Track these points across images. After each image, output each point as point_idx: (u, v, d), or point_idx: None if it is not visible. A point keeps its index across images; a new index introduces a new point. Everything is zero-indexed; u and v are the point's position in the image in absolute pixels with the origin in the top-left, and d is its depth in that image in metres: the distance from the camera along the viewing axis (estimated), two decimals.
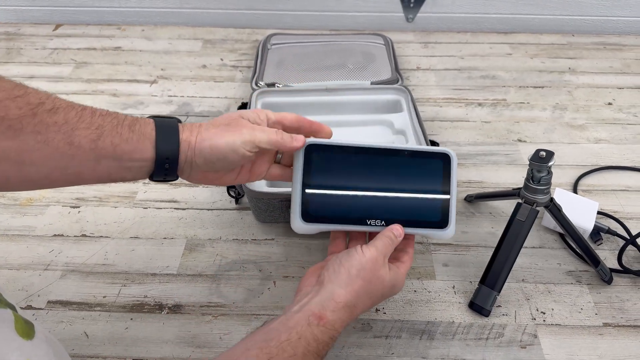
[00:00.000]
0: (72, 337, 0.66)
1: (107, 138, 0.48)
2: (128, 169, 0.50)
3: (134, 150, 0.49)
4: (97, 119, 0.48)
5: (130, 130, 0.49)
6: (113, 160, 0.49)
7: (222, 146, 0.52)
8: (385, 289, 0.55)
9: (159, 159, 0.51)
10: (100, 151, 0.48)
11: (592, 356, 0.64)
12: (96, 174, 0.49)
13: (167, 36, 1.32)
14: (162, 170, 0.52)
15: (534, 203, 0.66)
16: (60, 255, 0.76)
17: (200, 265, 0.74)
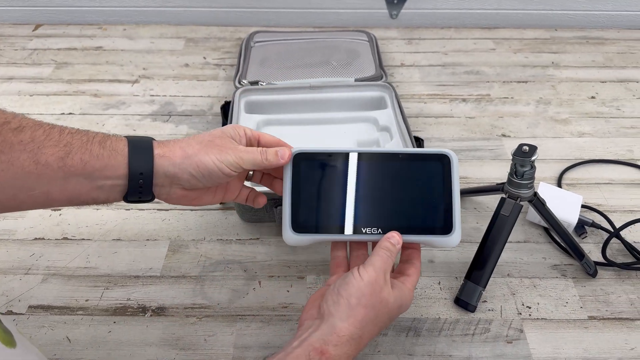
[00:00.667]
0: (54, 342, 0.64)
1: (77, 155, 0.46)
2: (100, 188, 0.48)
3: (106, 167, 0.47)
4: (66, 136, 0.46)
5: (101, 146, 0.48)
6: (84, 178, 0.47)
7: (209, 163, 0.50)
8: (392, 311, 0.52)
9: (132, 175, 0.49)
10: (69, 169, 0.46)
11: (578, 350, 0.64)
12: (66, 194, 0.47)
13: (149, 35, 1.30)
14: (137, 189, 0.50)
15: (517, 198, 0.66)
16: (41, 259, 0.75)
17: (183, 266, 0.73)
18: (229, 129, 0.54)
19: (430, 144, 0.94)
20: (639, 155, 0.93)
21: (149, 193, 0.51)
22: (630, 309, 0.68)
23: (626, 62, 1.20)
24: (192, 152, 0.50)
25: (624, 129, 1.00)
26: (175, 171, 0.50)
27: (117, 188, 0.49)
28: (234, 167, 0.52)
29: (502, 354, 0.63)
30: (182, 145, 0.51)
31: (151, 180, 0.50)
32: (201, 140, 0.52)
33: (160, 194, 0.52)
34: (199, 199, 0.55)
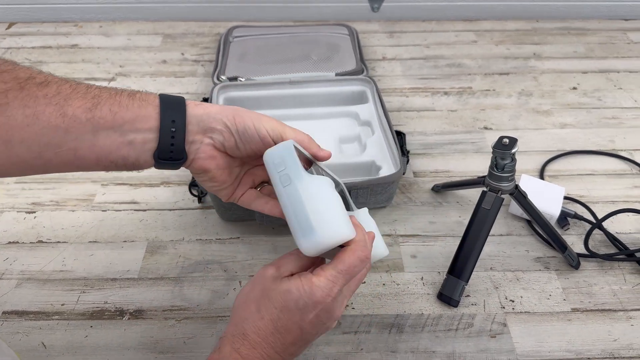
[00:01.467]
0: (29, 348, 0.63)
1: (105, 106, 0.43)
2: (130, 144, 0.45)
3: (136, 118, 0.44)
4: (94, 90, 0.44)
5: (130, 98, 0.45)
6: (113, 131, 0.44)
7: (247, 120, 0.47)
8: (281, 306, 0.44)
9: (164, 124, 0.45)
10: (98, 121, 0.43)
11: (561, 342, 0.63)
12: (95, 151, 0.44)
13: (126, 32, 1.28)
14: (168, 142, 0.46)
15: (498, 191, 0.65)
16: (16, 263, 0.73)
17: (162, 268, 0.72)
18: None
19: (412, 138, 0.93)
20: (620, 146, 0.93)
21: (181, 149, 0.47)
22: (613, 300, 0.68)
23: (607, 53, 1.20)
24: (229, 110, 0.48)
25: (606, 120, 0.99)
26: (209, 120, 0.47)
27: (148, 144, 0.46)
28: (273, 133, 0.48)
29: (485, 349, 0.63)
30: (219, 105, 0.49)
31: (184, 133, 0.46)
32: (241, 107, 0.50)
33: (190, 152, 0.48)
34: (224, 171, 0.50)
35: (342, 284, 0.45)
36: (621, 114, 1.01)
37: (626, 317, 0.66)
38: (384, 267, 0.72)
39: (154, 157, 0.46)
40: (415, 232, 0.77)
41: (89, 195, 0.82)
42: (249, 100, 0.91)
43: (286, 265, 0.47)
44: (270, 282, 0.46)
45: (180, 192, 0.83)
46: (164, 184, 0.85)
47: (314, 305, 0.44)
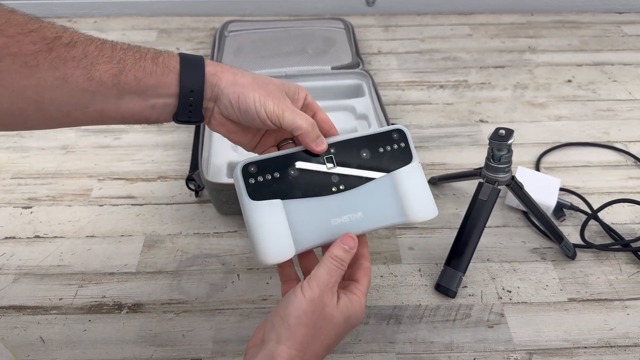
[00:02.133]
0: (27, 343, 0.63)
1: (130, 72, 0.45)
2: (152, 107, 0.47)
3: (158, 85, 0.46)
4: (119, 52, 0.45)
5: (154, 63, 0.46)
6: (137, 96, 0.46)
7: (249, 99, 0.48)
8: (339, 327, 0.47)
9: (183, 93, 0.47)
10: (123, 86, 0.45)
11: (558, 332, 0.64)
12: (119, 112, 0.46)
13: (121, 27, 1.27)
14: (187, 107, 0.48)
15: (495, 182, 0.66)
16: (13, 258, 0.72)
17: (160, 262, 0.72)
18: (291, 86, 0.52)
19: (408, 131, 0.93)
20: (615, 138, 0.93)
21: (198, 113, 0.49)
22: (609, 290, 0.68)
23: (601, 46, 1.21)
24: (241, 82, 0.48)
25: (600, 112, 1.00)
26: (218, 92, 0.48)
27: (169, 108, 0.48)
28: (272, 116, 0.48)
29: (483, 339, 0.63)
30: (235, 72, 0.49)
31: (201, 99, 0.48)
32: (256, 78, 0.50)
33: (206, 115, 0.50)
34: (237, 134, 0.52)
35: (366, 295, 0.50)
36: (616, 106, 1.01)
37: (622, 307, 0.67)
38: (381, 259, 0.73)
39: (174, 117, 0.49)
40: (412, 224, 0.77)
41: (85, 190, 0.82)
42: None
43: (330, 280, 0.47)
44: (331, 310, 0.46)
45: (177, 186, 0.83)
46: (161, 178, 0.85)
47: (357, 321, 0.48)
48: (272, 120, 0.48)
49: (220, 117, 0.50)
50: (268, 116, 0.48)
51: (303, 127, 0.48)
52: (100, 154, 0.89)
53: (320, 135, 0.50)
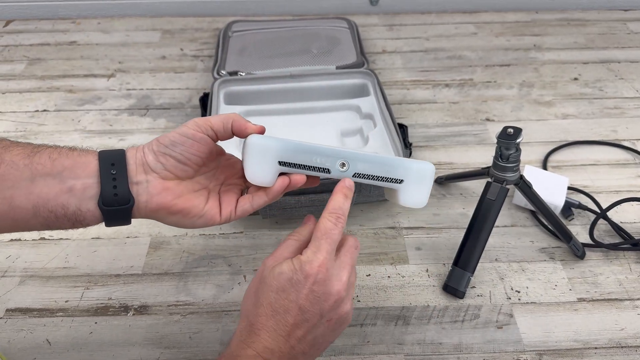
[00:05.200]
0: (33, 345, 0.62)
1: (45, 153, 0.44)
2: (70, 191, 0.43)
3: (75, 165, 0.44)
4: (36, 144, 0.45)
5: (70, 150, 0.45)
6: (52, 178, 0.43)
7: (168, 134, 0.47)
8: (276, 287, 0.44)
9: (104, 167, 0.44)
10: (36, 167, 0.43)
11: (568, 332, 0.63)
12: (32, 199, 0.43)
13: (124, 28, 1.27)
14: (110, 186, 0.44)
15: (503, 181, 0.65)
16: (18, 260, 0.72)
17: (166, 263, 0.71)
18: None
19: (414, 130, 0.93)
20: (623, 136, 0.93)
21: (126, 193, 0.45)
22: (619, 290, 0.68)
23: (607, 43, 1.20)
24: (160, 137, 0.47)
25: (608, 110, 0.99)
26: (140, 155, 0.46)
27: (89, 191, 0.44)
28: (197, 126, 0.47)
29: (492, 340, 0.62)
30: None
31: (125, 174, 0.45)
32: None
33: (139, 194, 0.46)
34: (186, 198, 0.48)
35: (327, 249, 0.45)
36: (623, 104, 1.01)
37: (632, 307, 0.66)
38: (388, 259, 0.72)
39: (99, 205, 0.44)
40: (419, 224, 0.77)
41: None
42: (249, 95, 0.91)
43: (282, 252, 0.47)
44: (266, 272, 0.46)
45: None
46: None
47: (305, 278, 0.44)
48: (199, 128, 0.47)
49: (161, 183, 0.47)
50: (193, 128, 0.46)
51: (230, 117, 0.48)
52: None
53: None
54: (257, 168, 0.47)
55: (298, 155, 0.48)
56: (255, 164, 0.47)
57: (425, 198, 0.51)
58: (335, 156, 0.49)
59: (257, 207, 0.51)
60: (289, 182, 0.49)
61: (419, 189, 0.51)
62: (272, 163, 0.47)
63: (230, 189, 0.52)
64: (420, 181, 0.51)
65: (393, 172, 0.50)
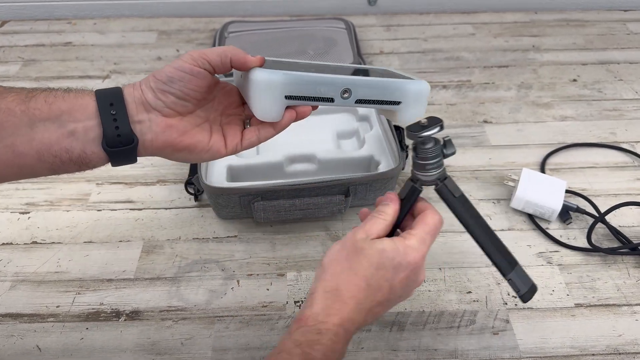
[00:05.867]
0: (23, 351, 0.62)
1: (40, 97, 0.43)
2: (72, 135, 0.43)
3: (73, 107, 0.43)
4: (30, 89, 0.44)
5: (66, 91, 0.44)
6: (51, 123, 0.42)
7: (164, 69, 0.45)
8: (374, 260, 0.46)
9: (103, 108, 0.43)
10: (33, 112, 0.42)
11: (565, 338, 0.62)
12: (34, 145, 0.42)
13: (120, 29, 1.26)
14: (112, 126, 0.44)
15: (417, 180, 0.54)
16: (10, 264, 0.71)
17: (158, 267, 0.71)
18: None
19: None
20: (622, 138, 0.92)
21: (128, 133, 0.44)
22: (617, 295, 0.67)
23: (607, 44, 1.19)
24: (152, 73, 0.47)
25: (606, 112, 0.98)
26: (138, 93, 0.45)
27: (91, 132, 0.44)
28: (193, 60, 0.45)
29: (488, 346, 0.62)
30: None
31: (125, 112, 0.44)
32: None
33: (144, 132, 0.45)
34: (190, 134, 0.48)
35: (429, 244, 0.49)
36: (622, 106, 1.00)
37: (630, 312, 0.65)
38: None
39: (102, 146, 0.44)
40: None
41: (83, 195, 0.81)
42: None
43: (374, 228, 0.49)
44: (362, 243, 0.47)
45: (176, 190, 0.82)
46: (160, 182, 0.83)
47: (407, 264, 0.47)
48: (195, 62, 0.45)
49: (163, 120, 0.46)
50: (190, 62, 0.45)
51: (228, 50, 0.46)
52: None
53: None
54: (265, 104, 0.47)
55: (303, 87, 0.48)
56: (263, 100, 0.47)
57: (421, 114, 0.53)
58: (338, 84, 0.49)
59: (264, 140, 0.51)
60: (295, 115, 0.49)
61: (416, 107, 0.53)
62: (280, 98, 0.47)
63: (231, 120, 0.52)
64: (416, 100, 0.52)
65: (392, 95, 0.51)
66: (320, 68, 0.52)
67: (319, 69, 0.51)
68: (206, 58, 0.46)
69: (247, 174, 0.77)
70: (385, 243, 0.47)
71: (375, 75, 0.54)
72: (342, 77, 0.49)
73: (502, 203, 0.79)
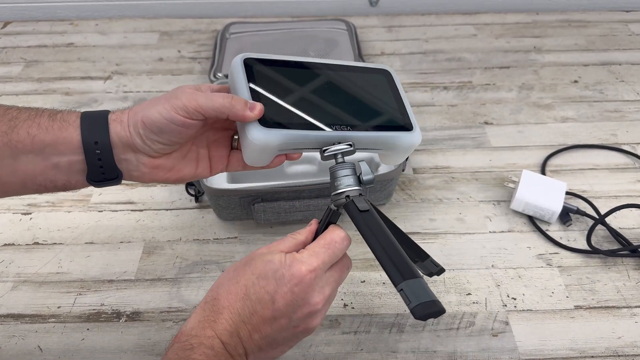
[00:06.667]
0: (24, 352, 0.62)
1: (22, 128, 0.42)
2: (56, 168, 0.43)
3: (57, 141, 0.42)
4: (12, 111, 0.43)
5: (51, 119, 0.43)
6: (34, 155, 0.42)
7: (155, 116, 0.43)
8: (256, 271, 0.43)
9: (87, 146, 0.43)
10: (16, 145, 0.41)
11: (564, 340, 0.62)
12: (18, 176, 0.43)
13: (122, 30, 1.26)
14: (96, 163, 0.44)
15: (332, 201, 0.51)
16: (11, 265, 0.72)
17: (159, 269, 0.71)
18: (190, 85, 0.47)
19: None
20: (623, 140, 0.92)
21: (112, 168, 0.45)
22: (617, 297, 0.67)
23: (608, 45, 1.19)
24: (139, 109, 0.44)
25: (608, 113, 0.98)
26: (126, 135, 0.44)
27: (76, 166, 0.44)
28: (186, 113, 0.43)
29: (487, 348, 0.62)
30: (135, 107, 0.45)
31: (110, 151, 0.44)
32: (157, 97, 0.45)
33: (130, 170, 0.46)
34: (177, 169, 0.48)
35: (323, 260, 0.44)
36: (623, 107, 1.00)
37: (630, 314, 0.65)
38: None
39: (87, 179, 0.45)
40: (415, 229, 0.76)
41: (85, 196, 0.82)
42: None
43: (277, 245, 0.46)
44: (256, 255, 0.45)
45: (177, 191, 0.82)
46: (161, 183, 0.84)
47: (290, 276, 0.42)
48: (188, 115, 0.44)
49: (150, 160, 0.46)
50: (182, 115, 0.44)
51: (225, 103, 0.43)
52: None
53: (247, 101, 0.44)
54: (257, 158, 0.48)
55: (299, 142, 0.47)
56: (256, 154, 0.47)
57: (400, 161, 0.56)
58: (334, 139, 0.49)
59: (249, 169, 0.52)
60: (285, 159, 0.49)
61: (399, 156, 0.54)
62: (273, 153, 0.48)
63: (219, 138, 0.51)
64: (405, 151, 0.53)
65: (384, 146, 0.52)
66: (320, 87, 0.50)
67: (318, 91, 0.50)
68: (201, 111, 0.44)
69: (247, 176, 0.77)
70: (276, 255, 0.44)
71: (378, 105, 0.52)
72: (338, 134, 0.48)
73: (502, 205, 0.79)
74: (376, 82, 0.54)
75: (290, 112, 0.48)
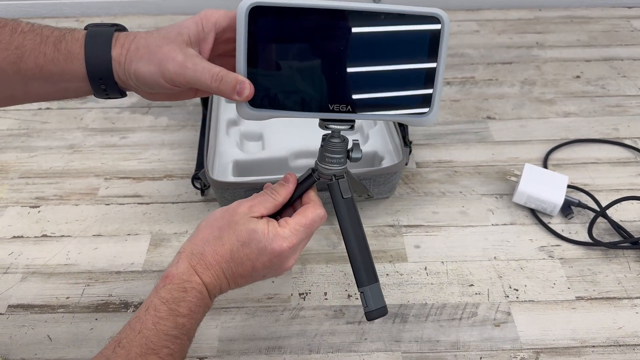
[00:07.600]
0: (34, 341, 0.63)
1: (30, 59, 0.44)
2: (65, 90, 0.47)
3: (64, 72, 0.45)
4: (18, 36, 0.44)
5: (56, 48, 0.44)
6: (44, 82, 0.45)
7: (145, 75, 0.45)
8: (241, 237, 0.47)
9: (93, 81, 0.45)
10: (26, 73, 0.44)
11: (566, 330, 0.63)
12: (32, 96, 0.46)
13: (127, 26, 1.26)
14: (101, 90, 0.47)
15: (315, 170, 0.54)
16: (21, 257, 0.73)
17: (166, 260, 0.72)
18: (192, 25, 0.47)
19: (414, 128, 0.93)
20: (624, 134, 0.92)
21: (116, 91, 0.47)
22: (618, 288, 0.68)
23: (610, 41, 1.19)
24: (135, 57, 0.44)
25: (610, 108, 0.99)
26: (124, 77, 0.46)
27: (83, 89, 0.47)
28: (174, 82, 0.45)
29: (490, 338, 0.63)
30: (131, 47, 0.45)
31: (115, 84, 0.46)
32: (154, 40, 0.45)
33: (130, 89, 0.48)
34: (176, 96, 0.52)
35: (302, 237, 0.49)
36: (625, 102, 1.00)
37: (631, 305, 0.66)
38: (387, 257, 0.72)
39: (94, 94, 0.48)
40: (418, 222, 0.77)
41: (92, 189, 0.83)
42: None
43: (259, 207, 0.50)
44: (239, 217, 0.49)
45: (183, 185, 0.83)
46: (167, 177, 0.85)
47: (272, 250, 0.48)
48: (176, 83, 0.45)
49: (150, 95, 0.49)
50: (169, 83, 0.45)
51: (213, 84, 0.44)
52: (107, 153, 0.89)
53: (239, 80, 0.45)
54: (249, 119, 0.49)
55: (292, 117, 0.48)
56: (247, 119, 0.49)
57: None
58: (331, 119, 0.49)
59: None
60: None
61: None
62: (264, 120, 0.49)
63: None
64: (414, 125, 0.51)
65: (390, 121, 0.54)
66: None
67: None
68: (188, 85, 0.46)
69: (252, 169, 0.78)
70: (259, 224, 0.48)
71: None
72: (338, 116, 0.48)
73: (504, 198, 0.80)
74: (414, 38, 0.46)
75: (286, 90, 0.46)
